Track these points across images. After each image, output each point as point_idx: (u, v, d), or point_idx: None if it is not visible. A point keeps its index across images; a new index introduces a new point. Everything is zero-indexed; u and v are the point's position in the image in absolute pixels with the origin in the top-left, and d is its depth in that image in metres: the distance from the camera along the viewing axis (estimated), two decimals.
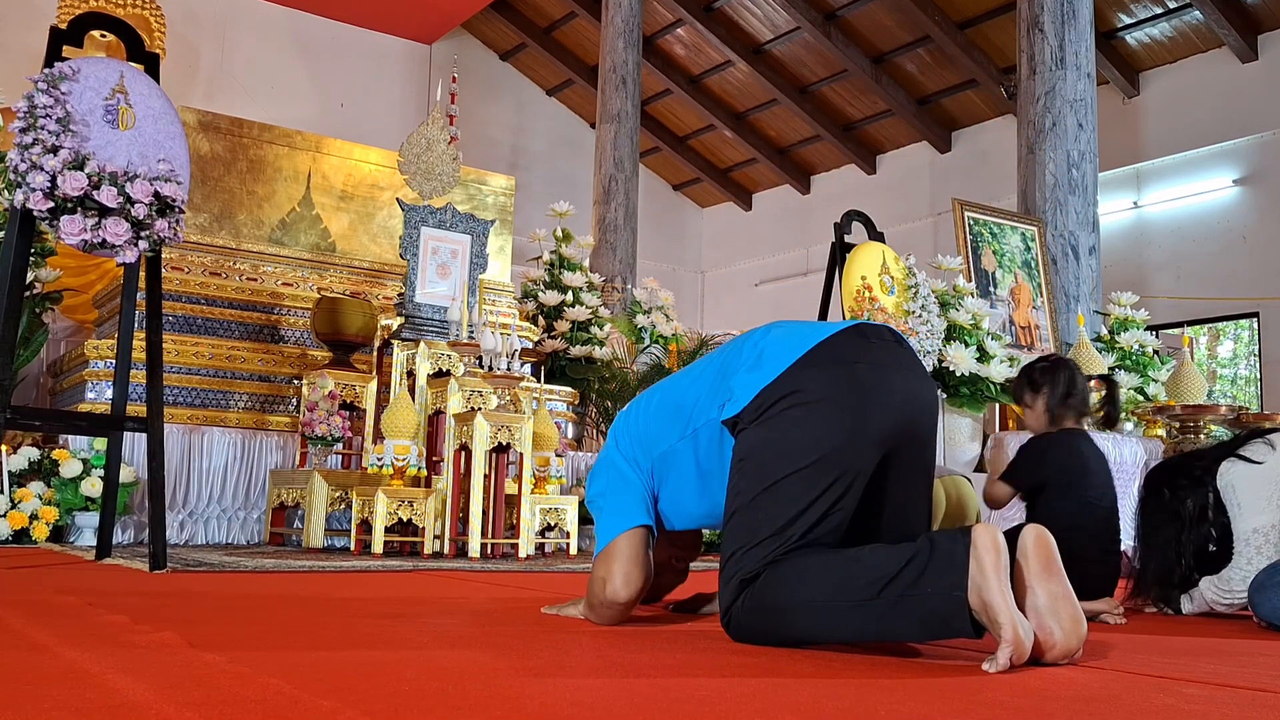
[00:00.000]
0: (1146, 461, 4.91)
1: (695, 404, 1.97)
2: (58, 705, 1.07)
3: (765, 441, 1.80)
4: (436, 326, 5.08)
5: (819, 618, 1.66)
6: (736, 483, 1.83)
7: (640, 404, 2.12)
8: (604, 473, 2.09)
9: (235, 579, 2.99)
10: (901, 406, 1.83)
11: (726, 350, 2.01)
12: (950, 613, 1.53)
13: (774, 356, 1.85)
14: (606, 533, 2.01)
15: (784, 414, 1.79)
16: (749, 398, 1.83)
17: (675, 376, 2.11)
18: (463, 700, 1.17)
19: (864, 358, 1.83)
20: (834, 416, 1.77)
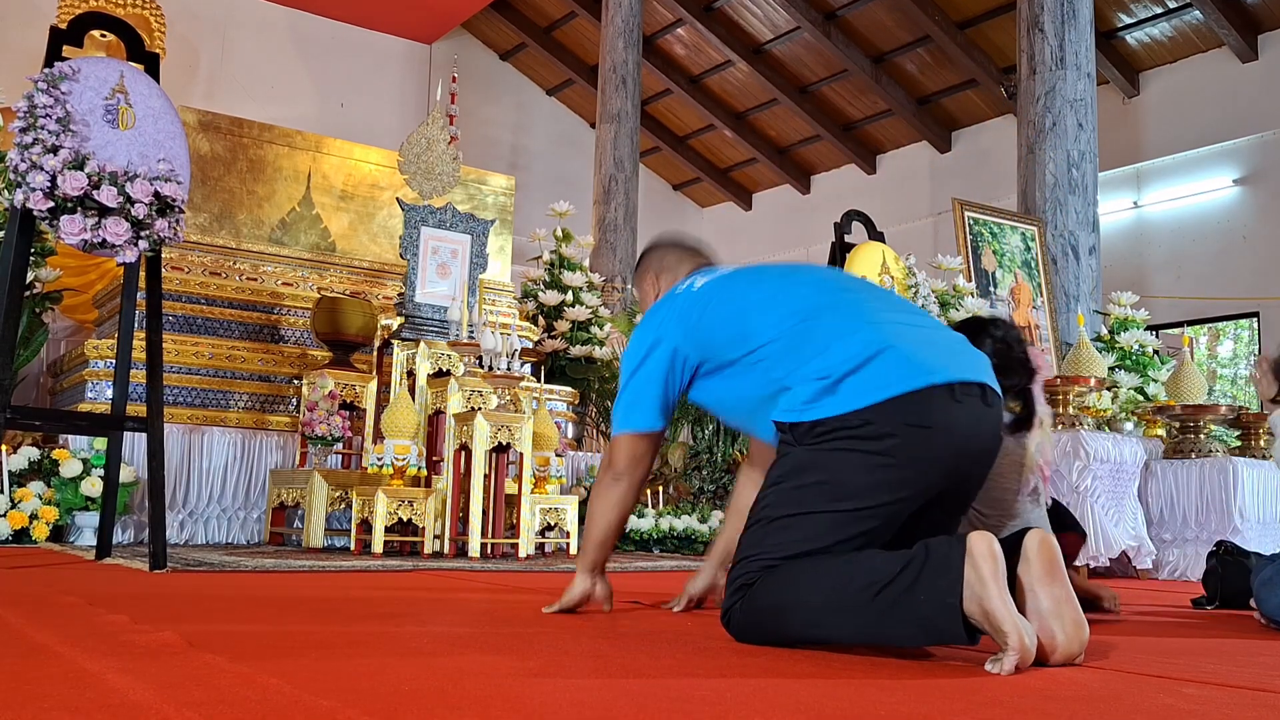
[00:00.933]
0: (1147, 461, 4.91)
1: (758, 337, 1.91)
2: (58, 705, 1.07)
3: (815, 469, 1.77)
4: (436, 326, 5.08)
5: (814, 619, 1.67)
6: (769, 495, 1.82)
7: (705, 298, 2.03)
8: (640, 351, 2.07)
9: (235, 579, 2.99)
10: (963, 468, 1.82)
11: (807, 292, 1.94)
12: (944, 619, 1.54)
13: (858, 384, 1.77)
14: (623, 419, 2.09)
15: (843, 452, 1.76)
16: (814, 416, 1.79)
17: (746, 284, 2.02)
18: (463, 700, 1.17)
19: (946, 424, 1.76)
20: (892, 475, 1.74)
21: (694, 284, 2.09)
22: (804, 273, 2.06)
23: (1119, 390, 6.05)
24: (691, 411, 7.17)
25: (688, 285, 2.10)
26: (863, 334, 1.82)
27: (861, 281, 2.12)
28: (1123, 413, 5.77)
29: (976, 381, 1.82)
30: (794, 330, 1.87)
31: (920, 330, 1.89)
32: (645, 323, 2.12)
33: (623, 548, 5.77)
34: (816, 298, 1.93)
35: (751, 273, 2.07)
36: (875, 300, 1.97)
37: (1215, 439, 5.08)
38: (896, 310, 1.95)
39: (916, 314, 1.98)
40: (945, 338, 1.91)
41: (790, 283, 2.00)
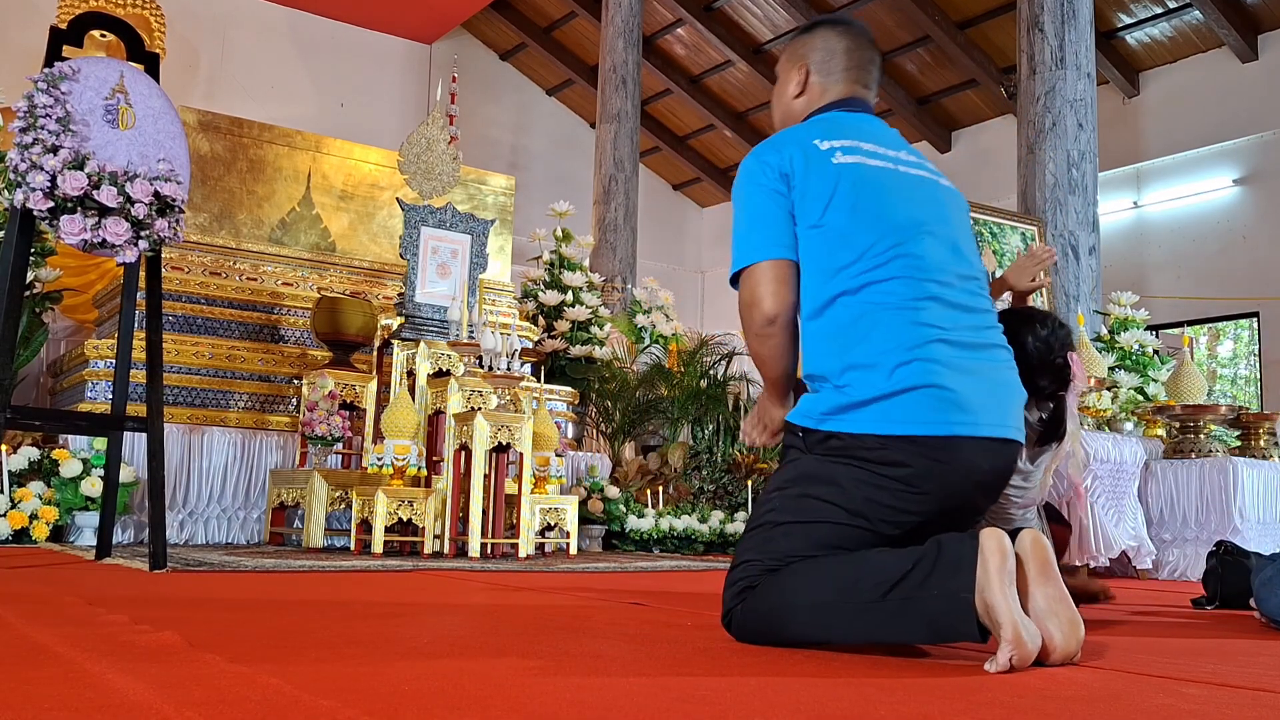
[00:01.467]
0: (1147, 462, 4.91)
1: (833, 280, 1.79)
2: (58, 705, 1.07)
3: (822, 480, 1.75)
4: (436, 326, 5.08)
5: (822, 619, 1.66)
6: (774, 499, 1.80)
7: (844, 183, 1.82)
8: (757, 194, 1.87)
9: (235, 579, 2.99)
10: (968, 498, 1.80)
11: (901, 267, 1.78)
12: (957, 616, 1.54)
13: (884, 412, 1.72)
14: (745, 254, 1.87)
15: (854, 469, 1.74)
16: (830, 428, 1.76)
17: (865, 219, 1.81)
18: (463, 700, 1.17)
19: (961, 464, 1.73)
20: (899, 500, 1.73)
21: (834, 153, 1.85)
22: (936, 227, 1.85)
23: (1119, 390, 6.05)
24: (692, 411, 7.17)
25: (829, 149, 1.85)
26: (907, 360, 1.73)
27: (964, 264, 1.88)
28: (1123, 413, 5.77)
29: (1003, 438, 1.79)
30: (858, 300, 1.77)
31: (975, 357, 1.79)
32: (763, 163, 1.88)
33: (623, 547, 5.77)
34: (908, 287, 1.78)
35: (879, 195, 1.84)
36: (958, 300, 1.82)
37: (1215, 439, 5.08)
38: (969, 315, 1.82)
39: (985, 325, 1.86)
40: (992, 375, 1.82)
41: (905, 241, 1.81)
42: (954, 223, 1.91)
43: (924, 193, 1.90)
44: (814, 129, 1.92)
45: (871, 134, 1.94)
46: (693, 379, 7.29)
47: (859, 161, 1.85)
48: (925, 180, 1.92)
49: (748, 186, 1.90)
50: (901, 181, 1.88)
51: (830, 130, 1.91)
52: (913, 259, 1.80)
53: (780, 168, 1.86)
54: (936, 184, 1.95)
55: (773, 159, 1.87)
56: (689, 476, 6.60)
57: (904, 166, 1.91)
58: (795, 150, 1.86)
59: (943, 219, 1.89)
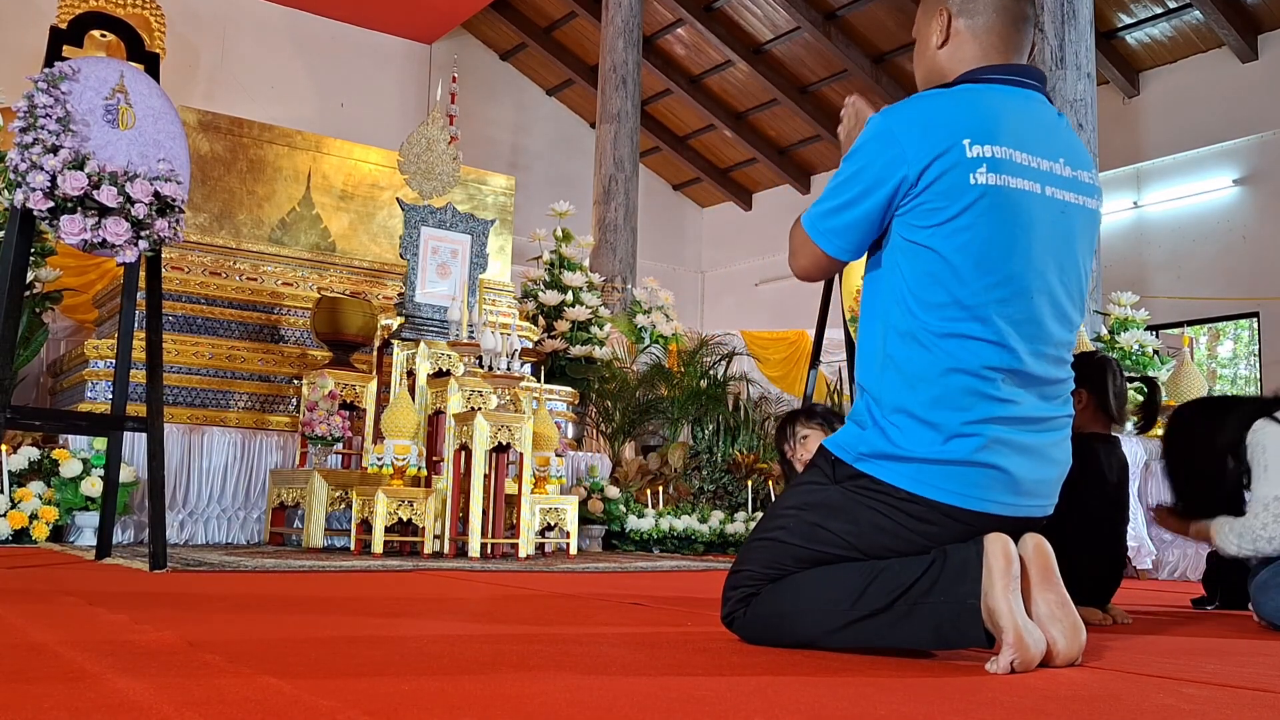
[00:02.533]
0: (1147, 462, 4.91)
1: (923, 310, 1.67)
2: (58, 705, 1.07)
3: (842, 516, 1.71)
4: (436, 326, 5.08)
5: (829, 625, 1.66)
6: (790, 519, 1.76)
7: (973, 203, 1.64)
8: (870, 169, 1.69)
9: (235, 579, 2.99)
10: None
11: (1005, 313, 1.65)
12: (963, 621, 1.54)
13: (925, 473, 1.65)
14: (817, 223, 1.76)
15: (877, 513, 1.69)
16: (865, 470, 1.70)
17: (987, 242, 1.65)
18: (463, 700, 1.17)
19: (985, 527, 1.65)
20: (915, 549, 1.68)
21: (979, 168, 1.64)
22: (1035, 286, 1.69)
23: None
24: (691, 411, 7.17)
25: (973, 160, 1.64)
26: (968, 431, 1.64)
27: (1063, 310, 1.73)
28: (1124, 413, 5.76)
29: (1039, 517, 1.74)
30: (939, 348, 1.66)
31: (1034, 432, 1.69)
32: (891, 133, 1.68)
33: (623, 547, 5.77)
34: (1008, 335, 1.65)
35: (1005, 234, 1.66)
36: (1038, 360, 1.69)
37: None
38: (1043, 384, 1.71)
39: (1055, 390, 1.74)
40: (1050, 444, 1.72)
41: (1010, 299, 1.66)
42: (1073, 267, 1.75)
43: (1061, 227, 1.72)
44: (968, 121, 1.67)
45: (1031, 133, 1.71)
46: (692, 379, 7.29)
47: (1002, 184, 1.65)
48: (1068, 207, 1.73)
49: (868, 161, 1.70)
50: (1040, 214, 1.68)
51: (986, 128, 1.66)
52: (1009, 324, 1.65)
53: (909, 165, 1.65)
54: (1079, 210, 1.75)
55: (907, 150, 1.65)
56: (689, 476, 6.61)
57: (1052, 187, 1.71)
58: (937, 150, 1.64)
59: (1065, 265, 1.73)
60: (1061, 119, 1.80)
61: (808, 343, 8.80)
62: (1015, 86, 1.76)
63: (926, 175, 1.65)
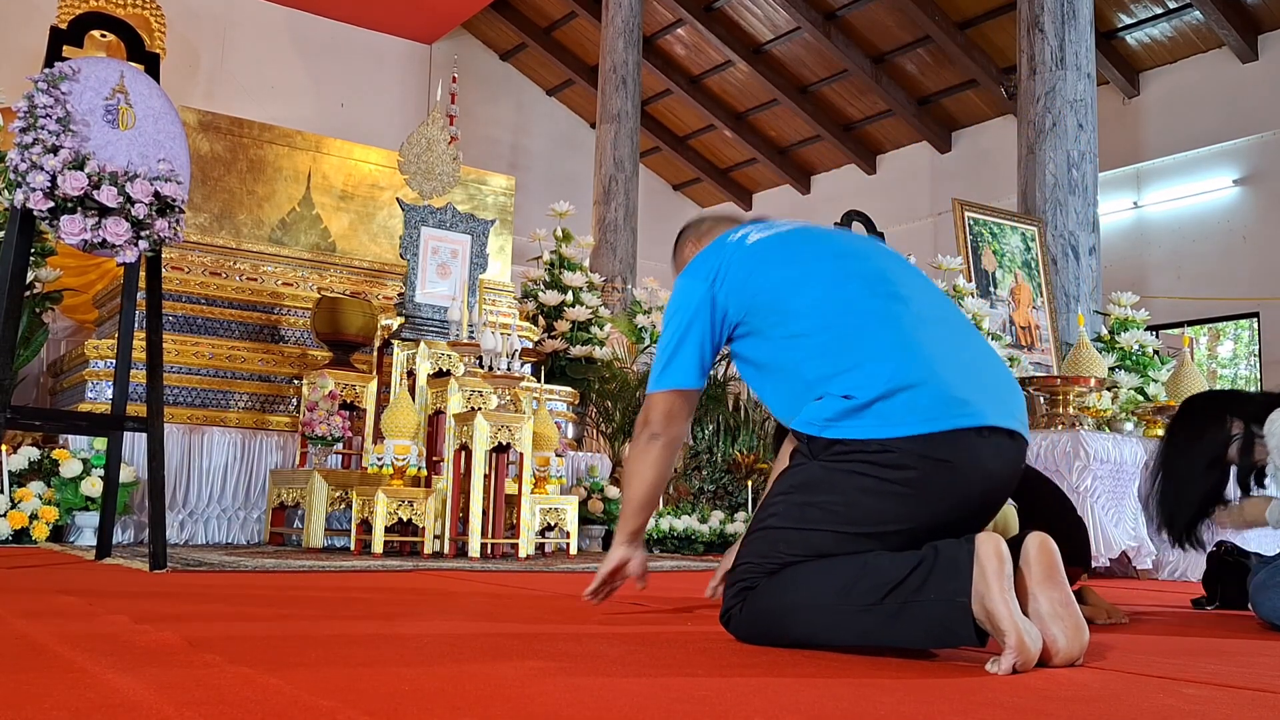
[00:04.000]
0: (1146, 462, 4.91)
1: (797, 339, 1.83)
2: (58, 705, 1.07)
3: (825, 488, 1.74)
4: (436, 326, 5.08)
5: (821, 621, 1.66)
6: (778, 504, 1.79)
7: (764, 258, 1.91)
8: (683, 305, 1.96)
9: (235, 579, 2.99)
10: (974, 504, 1.78)
11: (857, 291, 1.84)
12: (953, 619, 1.54)
13: (885, 413, 1.71)
14: (660, 376, 2.00)
15: (858, 475, 1.72)
16: (834, 435, 1.75)
17: (802, 266, 1.90)
18: (463, 700, 1.17)
19: (967, 463, 1.71)
20: (904, 506, 1.71)
21: (748, 236, 1.96)
22: (864, 261, 1.92)
23: (1119, 390, 6.05)
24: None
25: (741, 236, 1.97)
26: (900, 359, 1.74)
27: (914, 281, 1.95)
28: (1123, 413, 5.77)
29: (1006, 428, 1.77)
30: (833, 332, 1.80)
31: (962, 357, 1.81)
32: (690, 272, 1.98)
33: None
34: (868, 300, 1.83)
35: (811, 243, 1.94)
36: (926, 314, 1.85)
37: None
38: (942, 325, 1.86)
39: (965, 334, 1.89)
40: (988, 371, 1.83)
41: (843, 273, 1.88)
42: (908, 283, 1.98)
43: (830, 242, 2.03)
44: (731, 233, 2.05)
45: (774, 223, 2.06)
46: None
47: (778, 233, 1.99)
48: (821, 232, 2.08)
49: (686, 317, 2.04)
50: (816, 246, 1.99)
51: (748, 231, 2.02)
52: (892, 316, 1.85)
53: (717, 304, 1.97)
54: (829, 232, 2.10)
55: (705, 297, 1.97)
56: (689, 477, 6.60)
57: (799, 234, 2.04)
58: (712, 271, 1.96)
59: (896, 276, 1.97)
60: None
61: None
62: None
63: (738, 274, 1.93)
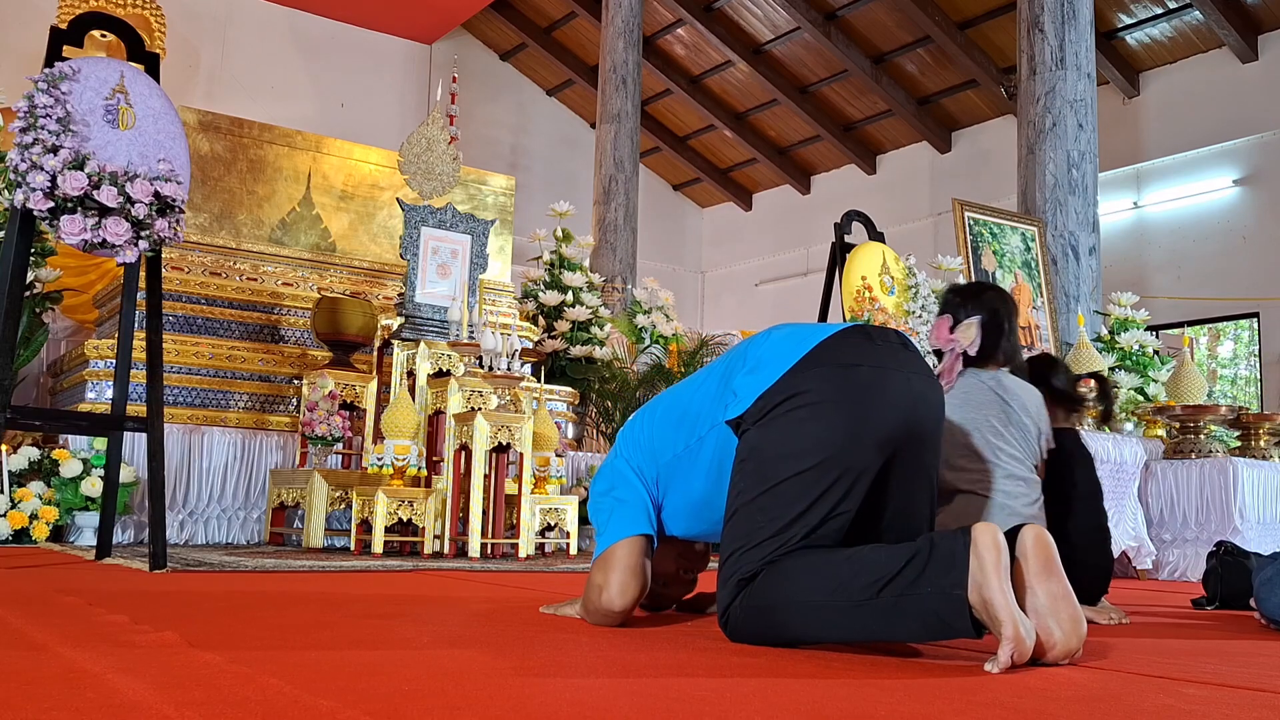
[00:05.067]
0: (1147, 462, 4.91)
1: (700, 410, 1.96)
2: (58, 705, 1.07)
3: (767, 442, 1.79)
4: (436, 326, 5.08)
5: (817, 618, 1.66)
6: (738, 482, 1.82)
7: (646, 413, 2.11)
8: (607, 478, 2.08)
9: (235, 579, 2.99)
10: (904, 407, 1.81)
11: (730, 356, 2.00)
12: (950, 612, 1.53)
13: (775, 359, 1.85)
14: (606, 539, 2.00)
15: (786, 415, 1.78)
16: (751, 399, 1.83)
17: (680, 385, 2.10)
18: (463, 700, 1.17)
19: (866, 359, 1.81)
20: (835, 417, 1.76)
21: None
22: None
23: (1119, 391, 6.04)
24: None
25: None
26: (760, 340, 1.94)
27: None
28: (1123, 413, 5.77)
29: (889, 329, 1.90)
30: (717, 382, 1.97)
31: None
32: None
33: None
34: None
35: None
36: None
37: (1215, 439, 5.08)
38: None
39: None
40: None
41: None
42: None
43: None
44: None
45: None
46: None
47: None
48: None
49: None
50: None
51: None
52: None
53: None
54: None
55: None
56: None
57: None
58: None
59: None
60: None
61: None
62: None
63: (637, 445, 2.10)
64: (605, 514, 2.04)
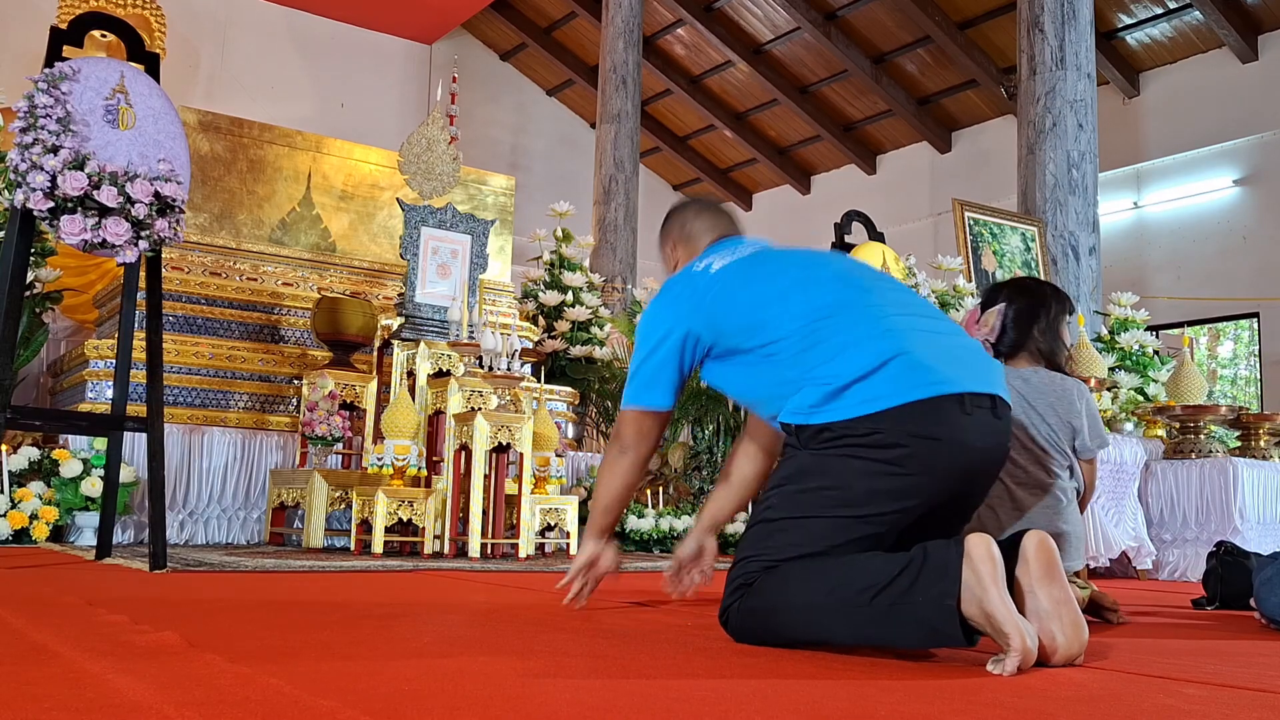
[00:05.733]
0: (1147, 462, 4.91)
1: (774, 345, 1.87)
2: (58, 705, 1.07)
3: (819, 474, 1.76)
4: (436, 326, 5.08)
5: (812, 620, 1.67)
6: (773, 497, 1.81)
7: (728, 284, 1.97)
8: (653, 330, 2.06)
9: (235, 579, 2.99)
10: (968, 480, 1.79)
11: (828, 289, 1.89)
12: (941, 621, 1.54)
13: (866, 391, 1.74)
14: (633, 395, 2.10)
15: (848, 458, 1.74)
16: (820, 420, 1.77)
17: (768, 280, 1.96)
18: (463, 700, 1.17)
19: (954, 436, 1.73)
20: (896, 484, 1.72)
21: (711, 265, 2.02)
22: (825, 266, 1.98)
23: (1119, 390, 6.04)
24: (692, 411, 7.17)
25: (705, 266, 2.04)
26: (876, 341, 1.78)
27: (883, 280, 2.01)
28: (1123, 413, 5.77)
29: (988, 393, 1.79)
30: (808, 329, 1.83)
31: (935, 337, 1.85)
32: (661, 300, 2.07)
33: (623, 548, 5.77)
34: (836, 295, 1.88)
35: (772, 260, 2.01)
36: (895, 302, 1.90)
37: (1215, 439, 5.08)
38: (915, 314, 1.89)
39: (935, 318, 1.93)
40: (961, 345, 1.88)
41: (811, 277, 1.93)
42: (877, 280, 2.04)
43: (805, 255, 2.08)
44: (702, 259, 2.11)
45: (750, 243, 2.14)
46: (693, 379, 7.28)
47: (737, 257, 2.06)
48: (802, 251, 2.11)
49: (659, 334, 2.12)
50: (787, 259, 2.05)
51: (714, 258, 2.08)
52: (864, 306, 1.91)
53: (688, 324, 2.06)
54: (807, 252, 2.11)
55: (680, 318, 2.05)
56: (689, 477, 6.61)
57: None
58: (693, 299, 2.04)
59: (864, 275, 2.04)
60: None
61: None
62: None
63: (704, 303, 1.99)
64: (641, 363, 2.08)
